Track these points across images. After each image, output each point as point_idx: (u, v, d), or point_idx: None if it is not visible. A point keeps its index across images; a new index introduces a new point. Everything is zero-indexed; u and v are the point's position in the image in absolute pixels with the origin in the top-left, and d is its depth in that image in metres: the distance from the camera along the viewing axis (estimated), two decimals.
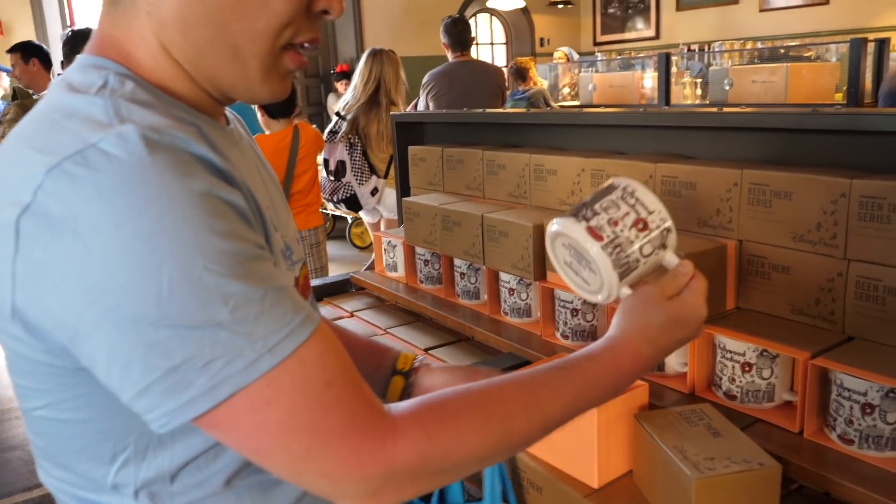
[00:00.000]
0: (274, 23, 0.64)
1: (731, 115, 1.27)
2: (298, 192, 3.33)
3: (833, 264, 1.12)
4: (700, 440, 0.96)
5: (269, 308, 0.57)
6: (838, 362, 1.02)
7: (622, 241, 0.76)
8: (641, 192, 0.78)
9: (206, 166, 0.58)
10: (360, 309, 1.99)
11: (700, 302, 0.79)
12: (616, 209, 0.77)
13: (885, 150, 1.15)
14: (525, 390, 0.69)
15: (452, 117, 2.03)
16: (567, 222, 0.77)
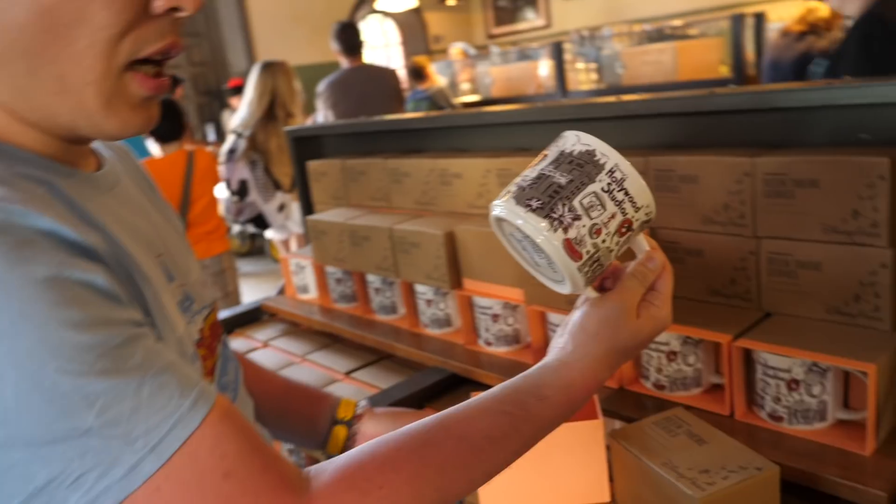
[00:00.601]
0: (100, 38, 0.53)
1: (631, 104, 1.26)
2: (197, 219, 3.19)
3: (744, 243, 1.12)
4: (686, 452, 0.90)
5: (149, 398, 0.49)
6: (760, 341, 1.01)
7: (602, 254, 0.68)
8: (631, 181, 0.67)
9: (54, 242, 0.49)
10: (274, 337, 1.90)
11: (668, 312, 0.74)
12: (601, 209, 0.66)
13: (785, 125, 1.15)
14: (465, 445, 0.63)
15: (351, 127, 1.96)
16: (535, 224, 0.65)
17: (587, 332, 0.72)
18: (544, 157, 0.70)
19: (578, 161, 0.67)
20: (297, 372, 1.64)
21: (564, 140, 0.70)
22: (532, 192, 0.66)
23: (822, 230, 1.03)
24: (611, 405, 1.15)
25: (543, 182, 0.67)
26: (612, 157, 0.67)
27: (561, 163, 0.68)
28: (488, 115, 1.59)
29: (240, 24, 6.97)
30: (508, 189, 0.69)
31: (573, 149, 0.68)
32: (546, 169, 0.68)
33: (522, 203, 0.66)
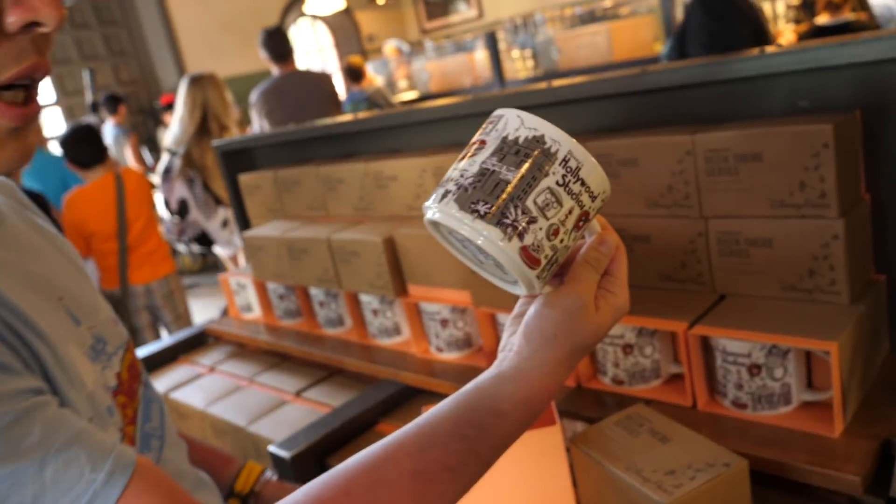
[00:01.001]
0: None
1: (561, 89, 1.20)
2: (136, 241, 3.06)
3: (691, 225, 1.08)
4: (650, 452, 0.85)
5: (54, 479, 0.42)
6: (716, 326, 0.97)
7: (559, 254, 0.60)
8: (588, 169, 0.59)
9: None
10: (221, 360, 1.81)
11: (625, 297, 0.67)
12: (557, 207, 0.58)
13: (722, 99, 1.11)
14: (421, 481, 0.56)
15: (280, 136, 1.87)
16: (486, 234, 0.56)
17: (544, 334, 0.65)
18: (482, 146, 0.60)
19: (526, 150, 0.57)
20: (245, 397, 1.56)
21: (505, 122, 0.60)
22: (476, 192, 0.57)
23: (770, 205, 0.99)
24: (569, 405, 1.10)
25: (488, 179, 0.57)
26: (564, 142, 0.58)
27: (505, 153, 0.58)
28: (420, 113, 1.52)
29: (167, 38, 6.76)
30: (446, 188, 0.59)
31: (518, 135, 0.58)
32: (489, 161, 0.59)
33: (467, 208, 0.57)
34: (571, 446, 0.92)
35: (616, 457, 0.86)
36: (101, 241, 3.00)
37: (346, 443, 1.27)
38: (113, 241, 3.02)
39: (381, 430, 1.30)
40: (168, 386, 1.72)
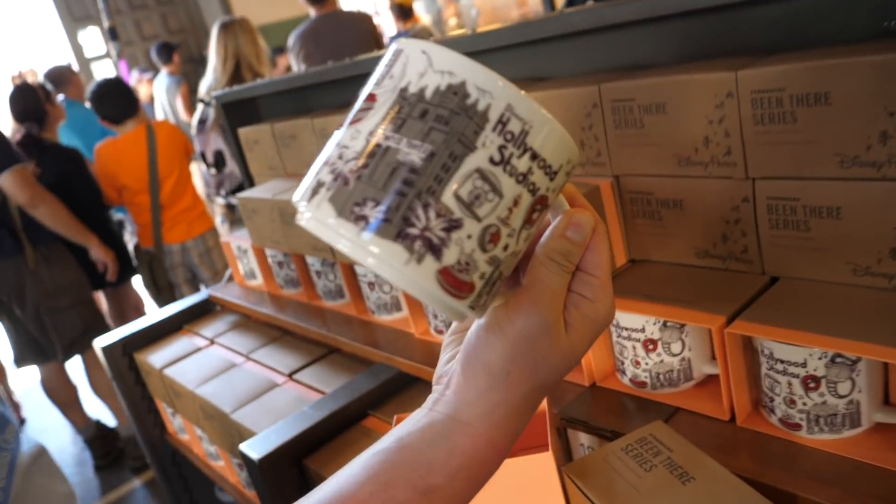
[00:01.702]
0: None
1: (574, 17, 0.96)
2: (169, 199, 2.96)
3: (734, 187, 0.84)
4: (665, 495, 0.65)
5: None
6: (763, 324, 0.74)
7: (504, 266, 0.40)
8: (540, 131, 0.39)
9: None
10: (223, 332, 1.67)
11: (609, 301, 0.45)
12: (493, 197, 0.38)
13: (779, 22, 0.85)
14: None
15: (282, 84, 1.68)
16: (378, 254, 0.37)
17: (492, 371, 0.44)
18: (371, 105, 0.39)
19: (438, 110, 0.37)
20: (237, 377, 1.42)
21: (403, 65, 0.39)
22: (362, 186, 0.37)
23: (839, 163, 0.74)
24: (577, 410, 0.90)
25: (380, 163, 0.37)
26: (498, 93, 0.38)
27: (405, 117, 0.37)
28: None
29: None
30: (318, 177, 0.39)
31: (423, 84, 0.38)
32: (380, 132, 0.38)
33: (348, 212, 0.37)
34: (566, 477, 0.72)
35: (619, 499, 0.66)
36: (133, 194, 2.92)
37: (327, 440, 1.11)
38: (145, 196, 2.94)
39: (368, 424, 1.13)
40: (166, 360, 1.60)
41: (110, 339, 1.73)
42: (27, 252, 2.48)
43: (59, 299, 2.57)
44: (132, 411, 1.77)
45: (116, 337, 1.74)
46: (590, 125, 0.94)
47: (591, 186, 0.93)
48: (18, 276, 2.48)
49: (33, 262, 2.50)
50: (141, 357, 1.68)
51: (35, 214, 2.40)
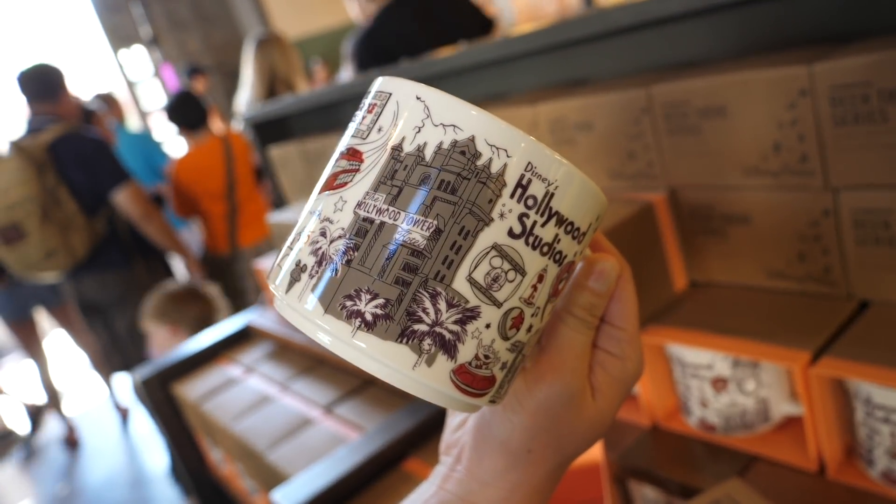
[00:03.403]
0: None
1: (617, 13, 0.85)
2: (242, 203, 2.97)
3: (813, 200, 0.72)
4: None
5: None
6: (857, 361, 0.63)
7: (527, 348, 0.33)
8: (568, 189, 0.31)
9: None
10: (260, 359, 1.61)
11: (638, 356, 0.38)
12: (515, 276, 0.31)
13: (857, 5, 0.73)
14: None
15: (309, 100, 1.61)
16: (380, 355, 0.30)
17: (509, 449, 0.38)
18: (357, 165, 0.31)
19: (443, 175, 0.30)
20: (273, 412, 1.35)
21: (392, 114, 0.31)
22: (354, 276, 0.30)
23: None
24: (640, 457, 0.79)
25: (374, 243, 0.30)
26: (515, 149, 0.30)
27: (403, 184, 0.30)
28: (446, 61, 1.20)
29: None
30: (297, 257, 0.31)
31: (422, 142, 0.30)
32: (370, 203, 0.30)
33: (337, 307, 0.30)
34: None
35: None
36: (211, 202, 2.93)
37: (365, 485, 1.03)
38: (221, 203, 2.96)
39: (408, 468, 1.05)
40: (202, 392, 1.54)
41: (147, 371, 1.69)
42: (137, 264, 2.52)
43: None
44: (173, 442, 1.73)
45: (155, 368, 1.69)
46: (639, 133, 0.84)
47: (643, 203, 0.83)
48: (123, 287, 2.53)
49: (142, 274, 2.55)
50: (179, 389, 1.63)
51: (145, 228, 2.43)
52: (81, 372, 4.47)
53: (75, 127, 2.39)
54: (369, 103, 0.32)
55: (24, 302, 3.37)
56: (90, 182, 2.31)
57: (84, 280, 2.48)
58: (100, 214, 2.39)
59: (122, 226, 2.48)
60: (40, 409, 3.06)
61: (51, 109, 2.40)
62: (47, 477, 3.42)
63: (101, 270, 2.48)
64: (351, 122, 0.33)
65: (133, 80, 6.22)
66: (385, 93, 0.32)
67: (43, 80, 2.41)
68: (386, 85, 0.32)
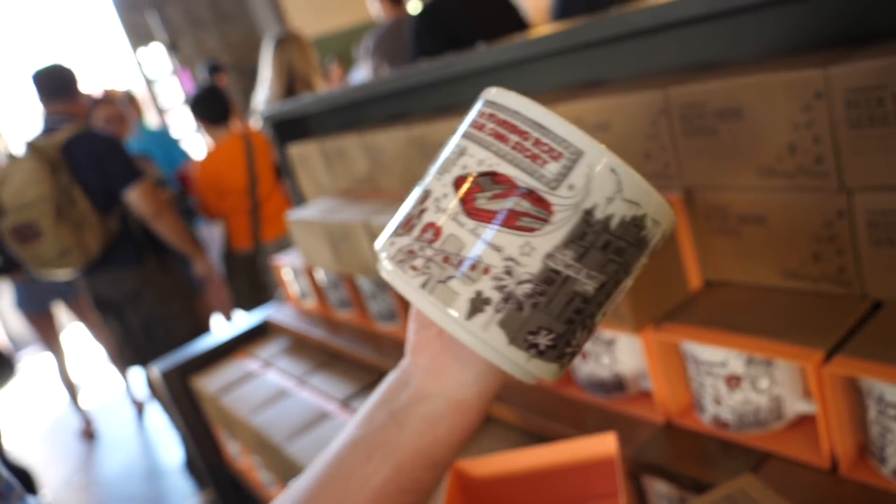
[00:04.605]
0: None
1: (632, 16, 0.86)
2: (264, 198, 2.99)
3: (827, 201, 0.73)
4: None
5: None
6: (871, 360, 0.64)
7: None
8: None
9: None
10: (277, 354, 1.64)
11: None
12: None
13: (872, 4, 0.74)
14: None
15: (334, 99, 1.62)
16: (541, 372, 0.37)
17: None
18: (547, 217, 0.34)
19: (619, 242, 0.34)
20: (290, 403, 1.37)
21: (586, 177, 0.33)
22: (538, 314, 0.34)
23: None
24: (654, 453, 0.80)
25: (560, 293, 0.34)
26: (667, 223, 0.37)
27: (590, 247, 0.34)
28: (468, 60, 1.22)
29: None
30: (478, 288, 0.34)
31: (611, 213, 0.34)
32: (560, 258, 0.34)
33: (522, 340, 0.35)
34: None
35: None
36: (235, 196, 2.95)
37: None
38: (244, 199, 2.97)
39: None
40: (221, 385, 1.57)
41: (168, 364, 1.72)
42: (150, 261, 2.55)
43: (173, 305, 2.64)
44: (190, 435, 1.76)
45: (174, 361, 1.72)
46: (655, 134, 0.85)
47: None
48: (137, 284, 2.56)
49: (154, 271, 2.58)
50: (197, 382, 1.66)
51: (157, 226, 2.46)
52: (99, 365, 4.53)
53: (88, 126, 2.42)
54: (556, 147, 0.34)
55: (43, 296, 3.42)
56: (103, 181, 2.34)
57: (98, 277, 2.51)
58: (113, 213, 2.41)
59: (134, 224, 2.51)
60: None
61: (65, 109, 2.42)
62: (65, 468, 3.47)
63: (114, 268, 2.50)
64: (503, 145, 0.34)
65: (151, 78, 6.28)
66: (571, 145, 0.34)
67: (57, 80, 2.44)
68: (577, 140, 0.34)
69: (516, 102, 0.35)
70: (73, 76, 2.49)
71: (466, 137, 0.36)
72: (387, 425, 0.43)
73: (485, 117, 0.36)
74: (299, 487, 0.44)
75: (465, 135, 0.37)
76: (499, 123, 0.35)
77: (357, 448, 0.43)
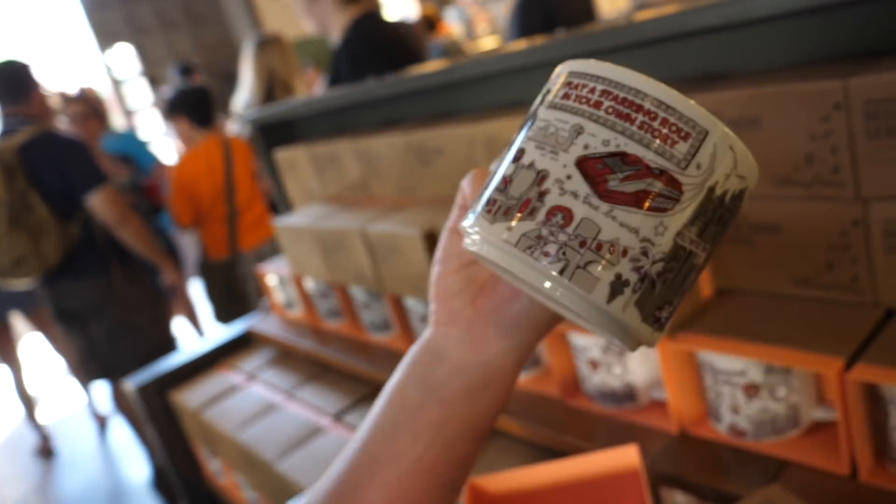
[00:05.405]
0: None
1: (647, 25, 0.87)
2: (243, 206, 2.92)
3: (843, 210, 0.74)
4: None
5: None
6: (892, 368, 0.64)
7: None
8: None
9: None
10: (262, 366, 1.60)
11: None
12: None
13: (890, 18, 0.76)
14: None
15: (326, 103, 1.60)
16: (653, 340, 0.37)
17: None
18: (678, 196, 0.34)
19: (727, 215, 0.36)
20: (279, 418, 1.34)
21: (710, 155, 0.34)
22: (665, 290, 0.35)
23: None
24: (669, 463, 0.80)
25: (682, 266, 0.35)
26: (754, 185, 0.38)
27: (709, 222, 0.35)
28: (467, 67, 1.22)
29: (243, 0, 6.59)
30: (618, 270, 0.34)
31: (727, 189, 0.35)
32: (689, 237, 0.35)
33: (651, 319, 0.35)
34: None
35: None
36: (211, 204, 2.87)
37: None
38: (221, 206, 2.89)
39: None
40: (203, 400, 1.53)
41: (143, 377, 1.66)
42: (115, 270, 2.46)
43: (139, 316, 2.54)
44: (168, 453, 1.70)
45: (151, 375, 1.67)
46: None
47: None
48: (101, 294, 2.46)
49: (119, 280, 2.48)
50: (177, 396, 1.62)
51: (121, 234, 2.36)
52: (58, 378, 4.39)
53: (49, 128, 2.32)
54: (675, 124, 0.34)
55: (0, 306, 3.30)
56: (63, 185, 2.23)
57: (59, 286, 2.41)
58: (74, 219, 2.31)
59: (99, 231, 2.41)
60: None
61: (22, 110, 2.31)
62: (20, 488, 3.34)
63: (76, 276, 2.40)
64: (629, 125, 0.34)
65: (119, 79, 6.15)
66: (697, 125, 0.34)
67: (11, 80, 2.32)
68: (703, 120, 0.34)
69: (636, 80, 0.35)
70: (29, 75, 2.35)
71: (578, 115, 0.35)
72: (426, 403, 0.42)
73: (597, 93, 0.35)
74: (336, 476, 0.43)
75: (575, 111, 0.35)
76: (619, 102, 0.34)
77: (399, 431, 0.42)
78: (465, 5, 5.91)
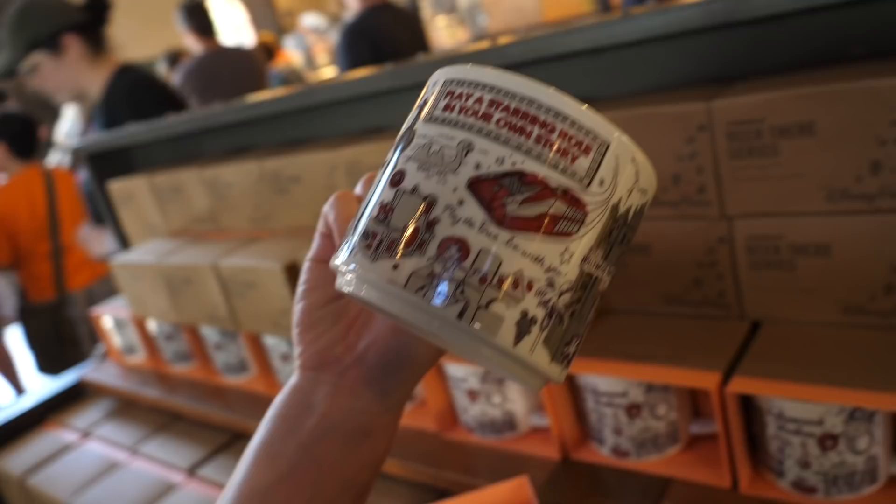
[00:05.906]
0: None
1: (511, 48, 0.86)
2: (71, 243, 2.61)
3: (708, 228, 0.77)
4: None
5: None
6: (766, 378, 0.66)
7: None
8: None
9: None
10: (98, 421, 1.43)
11: None
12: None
13: (746, 47, 0.79)
14: None
15: (161, 130, 1.48)
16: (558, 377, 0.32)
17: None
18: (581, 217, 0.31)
19: (629, 233, 0.33)
20: (123, 477, 1.19)
21: (613, 170, 0.31)
22: (574, 325, 0.32)
23: (827, 197, 0.69)
24: (552, 491, 0.78)
25: (590, 296, 0.32)
26: (653, 195, 0.36)
27: (614, 243, 0.32)
28: (325, 91, 1.16)
29: None
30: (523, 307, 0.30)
31: (630, 205, 0.32)
32: (594, 262, 0.31)
33: (560, 357, 0.32)
34: None
35: None
36: (32, 241, 2.55)
37: None
38: (44, 243, 2.57)
39: None
40: (27, 464, 1.34)
41: None
42: None
43: None
44: None
45: None
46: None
47: None
48: None
49: None
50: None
51: None
52: None
53: None
54: (574, 136, 0.30)
55: None
56: None
57: None
58: None
59: None
60: None
61: None
62: None
63: None
64: (525, 140, 0.30)
65: None
66: (598, 136, 0.30)
67: None
68: (596, 125, 0.30)
69: (527, 87, 0.30)
70: None
71: (465, 129, 0.30)
72: (302, 462, 0.37)
73: (485, 104, 0.31)
74: None
75: (461, 125, 0.30)
76: (511, 113, 0.30)
77: (272, 498, 0.36)
78: (304, 33, 5.83)
